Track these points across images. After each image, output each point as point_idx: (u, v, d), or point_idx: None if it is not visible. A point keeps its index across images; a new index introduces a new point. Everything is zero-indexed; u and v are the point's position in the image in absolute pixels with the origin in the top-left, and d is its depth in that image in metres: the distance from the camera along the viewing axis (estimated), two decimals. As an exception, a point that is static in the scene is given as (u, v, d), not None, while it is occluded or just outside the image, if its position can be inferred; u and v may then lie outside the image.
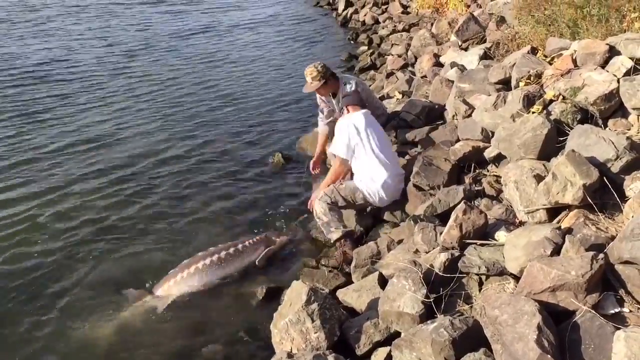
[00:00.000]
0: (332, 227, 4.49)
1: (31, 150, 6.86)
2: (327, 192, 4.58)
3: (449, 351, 2.57)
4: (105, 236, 5.03)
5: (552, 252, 2.83)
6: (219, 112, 8.43)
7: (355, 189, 4.60)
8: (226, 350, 3.66)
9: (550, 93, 4.14)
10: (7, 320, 4.00)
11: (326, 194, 4.57)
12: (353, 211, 4.80)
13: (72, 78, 9.84)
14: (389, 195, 4.60)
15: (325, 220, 4.51)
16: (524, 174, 3.53)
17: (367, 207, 4.79)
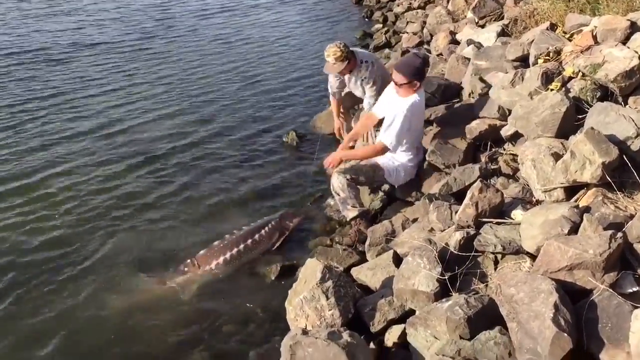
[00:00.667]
0: (349, 204, 4.44)
1: (50, 133, 6.87)
2: (348, 168, 4.41)
3: (464, 329, 2.57)
4: (122, 216, 5.05)
5: (569, 230, 2.81)
6: (234, 92, 8.39)
7: (377, 168, 4.49)
8: (241, 327, 3.69)
9: (570, 70, 4.07)
10: (23, 294, 4.05)
11: (347, 169, 4.40)
12: (367, 189, 4.78)
13: (90, 60, 9.82)
14: (407, 175, 4.56)
15: (343, 197, 4.43)
16: (542, 152, 3.48)
17: (383, 184, 4.74)
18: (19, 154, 6.26)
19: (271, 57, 10.15)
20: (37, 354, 3.51)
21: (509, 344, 2.46)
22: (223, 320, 3.75)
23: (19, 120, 7.18)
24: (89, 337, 3.65)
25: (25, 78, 8.82)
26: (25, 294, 4.06)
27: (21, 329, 3.71)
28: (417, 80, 4.20)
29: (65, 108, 7.66)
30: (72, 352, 3.53)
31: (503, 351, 2.45)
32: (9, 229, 4.83)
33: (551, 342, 2.22)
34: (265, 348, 3.44)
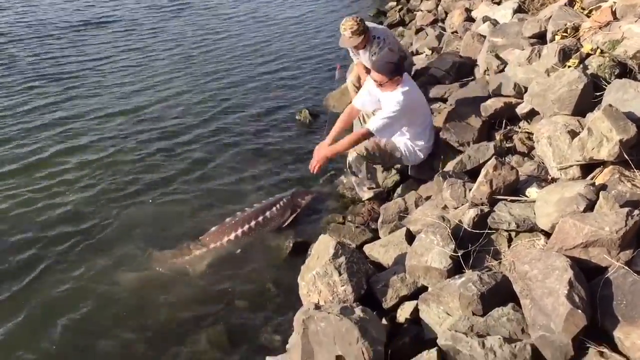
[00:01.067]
0: (365, 185, 4.44)
1: (65, 110, 6.91)
2: (367, 147, 4.33)
3: (477, 305, 2.56)
4: (136, 193, 5.09)
5: (585, 208, 2.78)
6: (249, 70, 8.40)
7: (395, 148, 4.43)
8: (254, 302, 3.71)
9: (588, 46, 4.00)
10: (37, 270, 4.08)
11: (366, 148, 4.32)
12: (380, 167, 4.75)
13: (106, 38, 9.85)
14: (424, 154, 4.50)
15: (360, 177, 4.43)
16: (558, 129, 3.44)
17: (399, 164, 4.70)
18: (34, 130, 6.30)
19: (286, 35, 10.14)
20: (50, 330, 3.54)
21: (522, 320, 2.45)
22: (236, 295, 3.78)
23: (34, 97, 7.23)
24: (102, 313, 3.68)
25: (45, 59, 8.84)
26: (40, 269, 4.08)
27: (36, 305, 3.75)
28: (398, 76, 4.16)
29: (80, 85, 7.69)
30: (85, 327, 3.56)
31: (516, 327, 2.44)
32: (23, 205, 4.87)
33: (565, 319, 2.21)
34: (278, 323, 3.47)
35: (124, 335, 3.50)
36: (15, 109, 6.84)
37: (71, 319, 3.62)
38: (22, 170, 5.46)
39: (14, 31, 10.02)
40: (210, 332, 3.48)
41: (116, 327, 3.56)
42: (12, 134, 6.19)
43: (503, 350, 2.30)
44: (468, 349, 2.36)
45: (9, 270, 4.07)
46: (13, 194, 5.02)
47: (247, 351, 3.32)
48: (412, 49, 7.51)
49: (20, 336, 3.49)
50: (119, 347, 3.41)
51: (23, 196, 5.00)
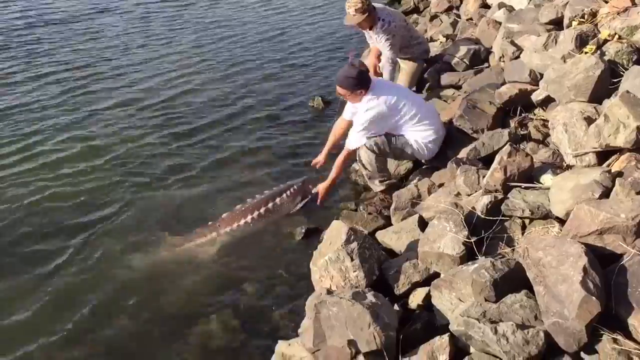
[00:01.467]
0: (377, 179, 4.43)
1: (80, 96, 6.96)
2: (377, 141, 4.33)
3: (490, 292, 2.55)
4: (149, 177, 5.14)
5: (600, 195, 2.75)
6: (260, 56, 8.39)
7: (406, 144, 4.39)
8: (267, 287, 3.74)
9: (605, 32, 3.94)
10: (53, 255, 4.13)
11: (375, 143, 4.33)
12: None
13: (122, 29, 9.87)
14: (435, 147, 4.45)
15: (370, 171, 4.42)
16: (574, 116, 3.40)
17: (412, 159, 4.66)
18: (48, 118, 6.35)
19: (300, 23, 10.17)
20: (67, 313, 3.58)
21: (535, 307, 2.44)
22: (248, 280, 3.80)
23: (49, 85, 7.28)
24: (116, 298, 3.71)
25: (62, 49, 8.88)
26: (56, 255, 4.12)
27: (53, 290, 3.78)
28: (360, 89, 4.19)
29: (94, 74, 7.73)
30: (98, 313, 3.58)
31: (529, 314, 2.43)
32: (38, 192, 4.91)
33: (579, 306, 2.19)
34: (290, 307, 3.49)
35: (137, 320, 3.53)
36: (31, 96, 6.89)
37: (86, 304, 3.66)
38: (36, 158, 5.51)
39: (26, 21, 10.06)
40: (222, 316, 3.51)
41: (130, 311, 3.60)
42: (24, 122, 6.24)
43: (516, 336, 2.29)
44: (480, 334, 2.35)
45: (26, 257, 4.11)
46: (27, 182, 5.07)
47: (259, 335, 3.34)
48: (426, 36, 7.43)
49: (39, 321, 3.53)
50: (133, 331, 3.44)
51: (38, 183, 5.04)
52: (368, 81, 4.23)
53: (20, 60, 8.12)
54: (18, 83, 7.28)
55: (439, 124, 4.45)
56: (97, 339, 3.39)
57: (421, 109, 4.36)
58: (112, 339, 3.39)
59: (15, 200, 4.76)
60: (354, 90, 4.21)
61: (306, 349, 2.69)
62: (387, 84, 4.60)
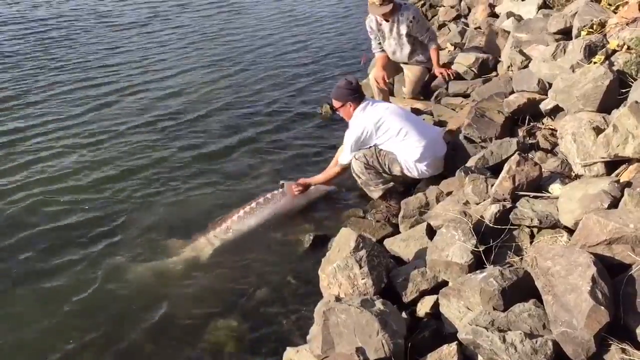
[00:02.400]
0: (372, 185, 4.48)
1: (82, 99, 7.04)
2: (366, 154, 4.42)
3: (498, 300, 2.56)
4: (152, 182, 5.19)
5: (609, 205, 2.75)
6: (273, 64, 8.45)
7: (394, 161, 4.43)
8: (275, 294, 3.74)
9: (614, 43, 3.95)
10: (56, 257, 4.16)
11: (364, 155, 4.42)
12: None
13: (131, 33, 9.98)
14: (428, 166, 4.41)
15: (364, 179, 4.48)
16: (582, 126, 3.41)
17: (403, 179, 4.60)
18: (50, 121, 6.43)
19: (312, 31, 10.20)
20: (70, 318, 3.60)
21: (543, 316, 2.44)
22: (257, 287, 3.80)
23: (56, 87, 7.36)
24: (122, 304, 3.71)
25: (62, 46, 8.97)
26: (59, 258, 4.15)
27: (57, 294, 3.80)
28: (350, 102, 4.40)
29: (102, 76, 7.80)
30: (105, 321, 3.58)
31: (537, 323, 2.43)
32: (39, 195, 4.96)
33: (587, 315, 2.20)
34: (299, 314, 3.50)
35: (144, 326, 3.52)
36: (37, 97, 6.97)
37: (93, 312, 3.66)
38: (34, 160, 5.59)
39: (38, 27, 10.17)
40: (230, 323, 3.51)
41: (137, 317, 3.59)
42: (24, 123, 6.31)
43: (524, 345, 2.29)
44: (489, 343, 2.35)
45: (31, 258, 4.15)
46: (28, 183, 5.15)
47: (267, 342, 3.34)
48: (434, 44, 7.48)
49: (46, 329, 3.53)
50: (140, 338, 3.43)
51: (38, 188, 5.10)
52: (360, 97, 4.43)
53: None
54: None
55: (433, 142, 4.41)
56: (103, 347, 3.38)
57: (411, 125, 4.37)
58: (119, 346, 3.39)
59: (18, 208, 4.79)
60: (344, 102, 4.43)
61: (314, 355, 2.70)
62: (378, 103, 4.63)
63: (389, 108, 4.51)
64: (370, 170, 4.44)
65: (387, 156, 4.44)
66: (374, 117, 4.35)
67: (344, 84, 4.43)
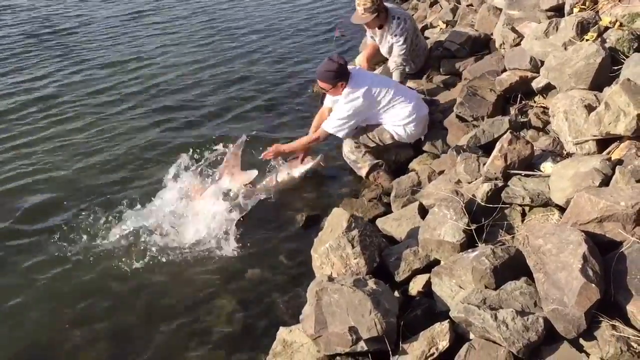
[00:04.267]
0: (359, 163, 4.52)
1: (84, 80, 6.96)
2: (356, 137, 4.58)
3: (490, 279, 2.57)
4: (143, 161, 5.20)
5: (600, 183, 2.76)
6: (258, 41, 8.38)
7: (382, 130, 4.60)
8: (268, 274, 3.75)
9: (606, 19, 3.93)
10: (57, 240, 4.15)
11: (352, 137, 4.56)
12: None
13: (124, 20, 9.85)
14: (417, 130, 4.55)
15: (353, 159, 4.56)
16: (574, 104, 3.41)
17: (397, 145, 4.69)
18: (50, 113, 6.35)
19: (301, 12, 10.05)
20: (64, 304, 3.61)
21: (534, 294, 2.46)
22: (249, 267, 3.81)
23: (56, 74, 7.28)
24: (116, 288, 3.71)
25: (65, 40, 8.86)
26: (58, 244, 4.13)
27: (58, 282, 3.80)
28: (340, 81, 4.40)
29: (100, 62, 7.72)
30: (99, 303, 3.60)
31: (529, 301, 2.45)
32: (41, 183, 4.94)
33: (578, 293, 2.21)
34: (291, 294, 3.51)
35: (138, 309, 3.54)
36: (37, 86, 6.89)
37: (87, 295, 3.66)
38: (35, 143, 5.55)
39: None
40: (223, 303, 3.52)
41: (131, 301, 3.60)
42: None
43: (515, 322, 2.31)
44: (480, 321, 2.37)
45: (26, 251, 4.13)
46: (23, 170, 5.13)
47: (260, 322, 3.36)
48: (426, 22, 7.42)
49: (40, 313, 3.55)
50: (134, 320, 3.45)
51: (42, 172, 5.09)
52: (347, 74, 4.44)
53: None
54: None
55: (417, 105, 4.54)
56: (98, 328, 3.40)
57: (396, 91, 4.50)
58: (113, 327, 3.40)
59: (21, 194, 4.79)
60: (334, 84, 4.41)
61: (307, 335, 2.71)
62: (363, 74, 4.66)
63: (374, 78, 4.68)
64: (359, 148, 4.52)
65: (374, 129, 4.59)
66: (365, 91, 4.41)
67: (333, 67, 4.38)
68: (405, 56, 5.36)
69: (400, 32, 5.22)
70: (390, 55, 5.46)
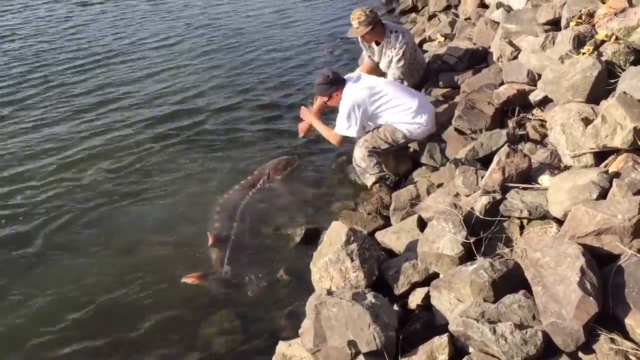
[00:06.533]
0: (368, 172, 4.53)
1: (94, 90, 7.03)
2: (367, 139, 4.60)
3: (488, 292, 2.58)
4: (156, 179, 5.18)
5: (598, 196, 2.77)
6: (266, 58, 8.44)
7: (395, 130, 4.62)
8: (267, 288, 3.76)
9: (603, 33, 3.96)
10: (66, 246, 4.21)
11: (366, 140, 4.58)
12: (391, 157, 4.76)
13: (126, 24, 9.94)
14: (426, 123, 4.60)
15: (363, 167, 4.57)
16: (572, 117, 3.42)
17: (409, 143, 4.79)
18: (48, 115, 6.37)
19: (298, 26, 10.11)
20: (65, 315, 3.62)
21: (533, 307, 2.46)
22: (248, 281, 3.82)
23: (55, 79, 7.35)
24: (115, 300, 3.73)
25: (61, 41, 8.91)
26: (65, 248, 4.20)
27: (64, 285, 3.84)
28: (335, 90, 4.57)
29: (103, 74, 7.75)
30: (98, 312, 3.62)
31: (527, 314, 2.45)
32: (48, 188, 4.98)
33: (576, 306, 2.22)
34: (290, 308, 3.51)
35: (136, 322, 3.54)
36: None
37: (88, 302, 3.68)
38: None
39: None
40: (222, 317, 3.54)
41: (128, 314, 3.61)
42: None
43: (514, 336, 2.31)
44: (479, 334, 2.37)
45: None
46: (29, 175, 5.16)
47: (259, 336, 3.37)
48: (424, 35, 7.47)
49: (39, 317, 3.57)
50: (132, 334, 3.45)
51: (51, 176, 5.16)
52: (341, 80, 4.59)
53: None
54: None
55: (422, 101, 4.66)
56: (96, 338, 3.41)
57: (396, 91, 4.62)
58: (111, 341, 3.40)
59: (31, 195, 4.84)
60: (330, 94, 4.58)
61: (306, 349, 2.71)
62: (360, 76, 4.72)
63: (371, 78, 4.77)
64: (372, 157, 4.55)
65: (386, 130, 4.63)
66: (364, 85, 4.55)
67: (324, 79, 4.56)
68: (404, 69, 5.37)
69: (400, 45, 5.25)
70: (387, 70, 5.49)
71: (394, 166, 4.72)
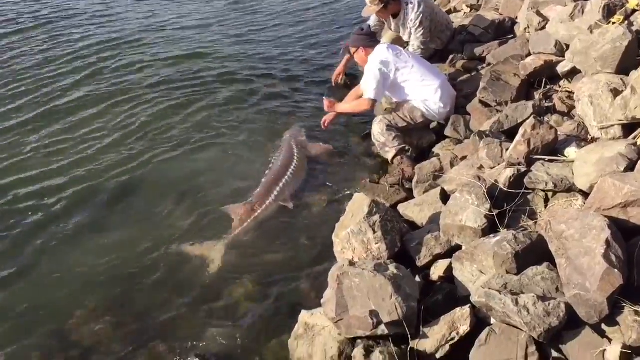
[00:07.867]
0: (388, 146, 4.51)
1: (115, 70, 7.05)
2: (385, 116, 4.61)
3: (511, 264, 2.57)
4: (172, 151, 5.18)
5: (625, 168, 2.73)
6: (290, 36, 8.34)
7: (413, 109, 4.62)
8: (289, 258, 3.78)
9: (634, 2, 3.87)
10: (81, 224, 4.21)
11: (385, 117, 4.60)
12: (414, 131, 4.73)
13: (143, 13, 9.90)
14: (446, 107, 4.59)
15: (382, 141, 4.55)
16: (600, 88, 3.36)
17: (428, 124, 4.76)
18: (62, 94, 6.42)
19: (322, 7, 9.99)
20: (89, 287, 3.67)
21: (556, 279, 2.46)
22: (272, 251, 3.85)
23: (74, 54, 7.37)
24: (142, 269, 3.76)
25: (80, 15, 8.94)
26: (82, 227, 4.19)
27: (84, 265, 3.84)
28: (363, 47, 4.71)
29: (121, 55, 7.73)
30: (124, 284, 3.65)
31: (550, 286, 2.45)
32: (61, 163, 4.99)
33: (601, 278, 2.21)
34: (313, 278, 3.53)
35: (162, 291, 3.59)
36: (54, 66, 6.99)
37: (103, 274, 3.73)
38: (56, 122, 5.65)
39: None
40: (245, 287, 3.56)
41: (156, 282, 3.65)
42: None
43: (537, 307, 2.31)
44: (501, 306, 2.38)
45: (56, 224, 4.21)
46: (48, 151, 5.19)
47: (282, 305, 3.40)
48: (450, 6, 7.32)
49: (64, 295, 3.62)
50: (158, 302, 3.50)
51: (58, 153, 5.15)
52: (372, 42, 4.78)
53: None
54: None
55: (444, 81, 4.68)
56: (123, 310, 3.46)
57: (422, 66, 4.66)
58: (138, 309, 3.46)
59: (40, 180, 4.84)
60: (357, 47, 4.74)
61: (329, 318, 2.75)
62: (389, 45, 4.83)
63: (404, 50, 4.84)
64: (390, 131, 4.52)
65: (405, 107, 4.65)
66: (393, 52, 4.61)
67: (357, 31, 4.84)
68: (425, 37, 5.42)
69: (416, 16, 5.27)
70: (410, 40, 5.47)
71: (418, 139, 4.68)
